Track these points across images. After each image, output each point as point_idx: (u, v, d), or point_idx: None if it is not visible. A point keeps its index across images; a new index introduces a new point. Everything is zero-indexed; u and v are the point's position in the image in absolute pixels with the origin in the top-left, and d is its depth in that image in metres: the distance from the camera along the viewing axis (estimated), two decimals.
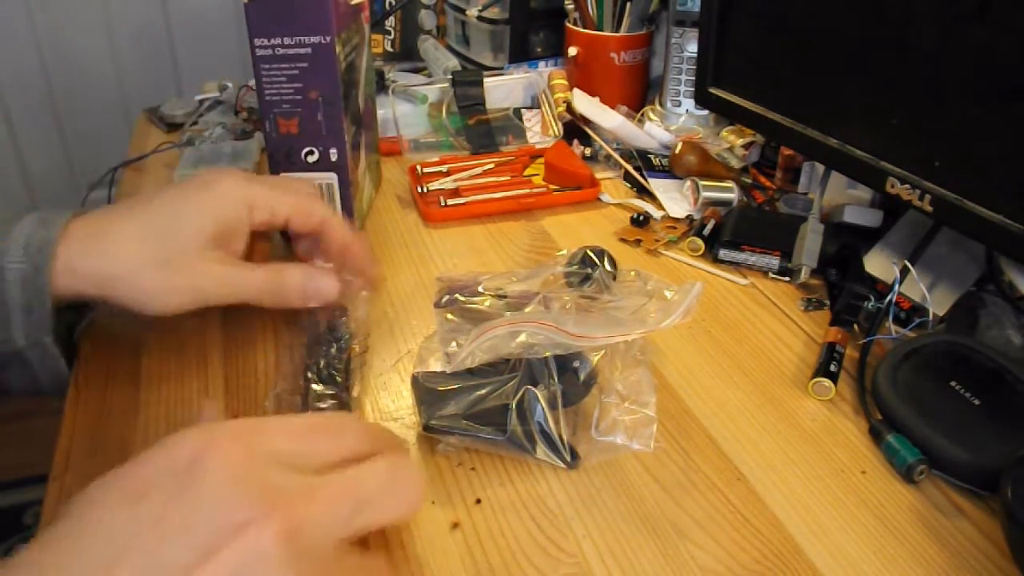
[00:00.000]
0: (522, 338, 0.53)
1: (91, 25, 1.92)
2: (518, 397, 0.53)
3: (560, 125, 1.00)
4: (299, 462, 0.37)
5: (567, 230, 0.83)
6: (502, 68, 1.14)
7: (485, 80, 1.04)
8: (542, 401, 0.53)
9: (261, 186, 0.60)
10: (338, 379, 0.58)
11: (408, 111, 1.03)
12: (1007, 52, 0.56)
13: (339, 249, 0.63)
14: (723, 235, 0.77)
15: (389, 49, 1.22)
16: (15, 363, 0.55)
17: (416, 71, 1.19)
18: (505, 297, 0.61)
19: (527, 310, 0.59)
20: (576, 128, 1.00)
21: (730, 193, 0.86)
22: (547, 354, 0.53)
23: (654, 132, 0.98)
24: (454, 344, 0.57)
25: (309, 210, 0.61)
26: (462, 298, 0.62)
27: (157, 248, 0.55)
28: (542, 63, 1.15)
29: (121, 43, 1.97)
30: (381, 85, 1.05)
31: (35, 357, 0.55)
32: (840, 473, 0.54)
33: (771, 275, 0.75)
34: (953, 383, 0.57)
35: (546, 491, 0.52)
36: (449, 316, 0.61)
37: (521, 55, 1.15)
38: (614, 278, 0.67)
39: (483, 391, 0.54)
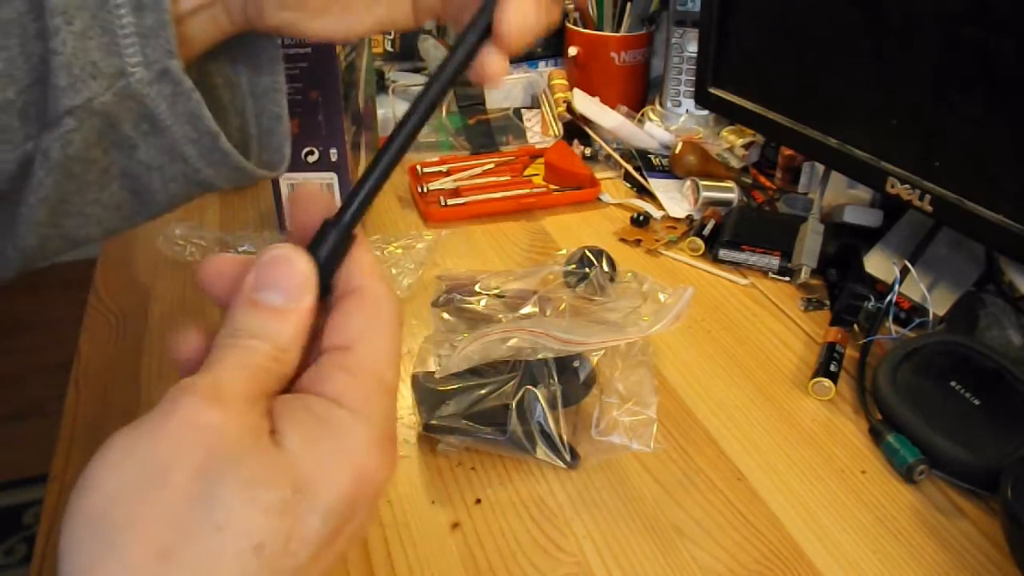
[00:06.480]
0: (513, 342, 0.53)
1: None
2: (518, 397, 0.53)
3: (560, 125, 1.00)
4: None
5: (567, 230, 0.83)
6: None
7: None
8: (542, 401, 0.53)
9: None
10: None
11: None
12: (1007, 52, 0.56)
13: None
14: (723, 235, 0.77)
15: (389, 49, 1.22)
16: (143, 123, 0.33)
17: (416, 71, 1.19)
18: (503, 296, 0.62)
19: (523, 310, 0.59)
20: (576, 128, 1.00)
21: (730, 193, 0.86)
22: (540, 356, 0.53)
23: (654, 132, 0.98)
24: (447, 346, 0.57)
25: None
26: (459, 297, 0.62)
27: None
28: (542, 63, 1.15)
29: None
30: (381, 85, 1.05)
31: (166, 108, 0.32)
32: (840, 473, 0.54)
33: (771, 275, 0.75)
34: (953, 383, 0.57)
35: (546, 491, 0.52)
36: (445, 316, 0.61)
37: (521, 55, 1.15)
38: (612, 279, 0.67)
39: (483, 391, 0.54)
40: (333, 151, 0.74)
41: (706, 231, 0.79)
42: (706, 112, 1.00)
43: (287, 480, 0.24)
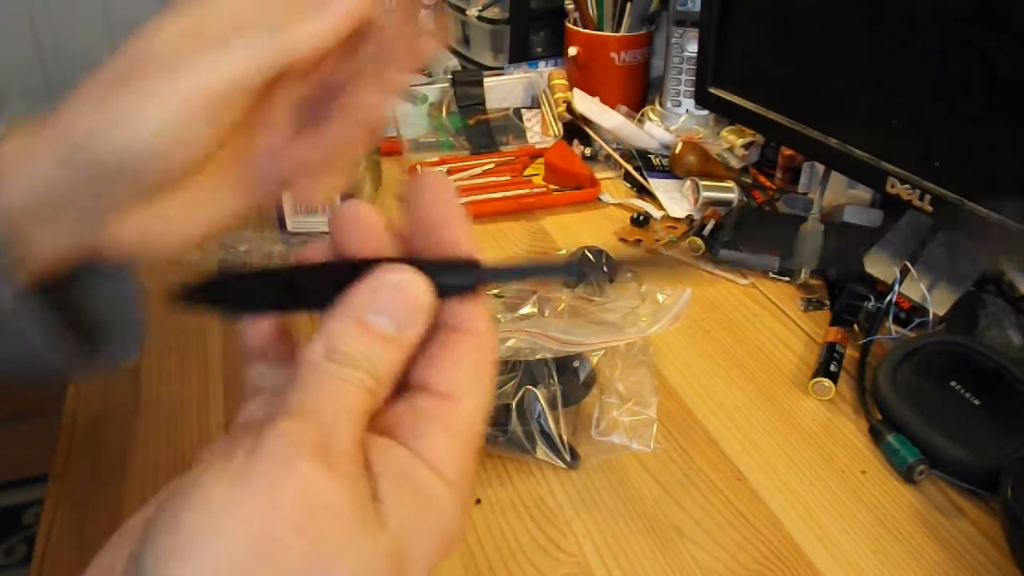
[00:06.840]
0: (511, 342, 0.53)
1: (91, 25, 1.93)
2: (518, 397, 0.53)
3: (560, 125, 1.00)
4: None
5: (567, 230, 0.83)
6: (502, 68, 1.14)
7: (485, 80, 1.04)
8: (542, 401, 0.53)
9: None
10: None
11: (408, 111, 1.03)
12: (1007, 52, 0.56)
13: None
14: (723, 235, 0.77)
15: None
16: None
17: (417, 71, 1.19)
18: (502, 296, 0.61)
19: (522, 310, 0.59)
20: (576, 128, 1.00)
21: (730, 193, 0.86)
22: (539, 356, 0.53)
23: (654, 132, 0.98)
24: None
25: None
26: None
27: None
28: (542, 63, 1.15)
29: (121, 44, 1.98)
30: None
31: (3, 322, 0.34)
32: (840, 473, 0.54)
33: (771, 275, 0.75)
34: (953, 383, 0.57)
35: (546, 491, 0.52)
36: None
37: (521, 55, 1.15)
38: (611, 279, 0.67)
39: None
40: None
41: (706, 231, 0.79)
42: (706, 112, 1.00)
43: (390, 573, 0.23)
